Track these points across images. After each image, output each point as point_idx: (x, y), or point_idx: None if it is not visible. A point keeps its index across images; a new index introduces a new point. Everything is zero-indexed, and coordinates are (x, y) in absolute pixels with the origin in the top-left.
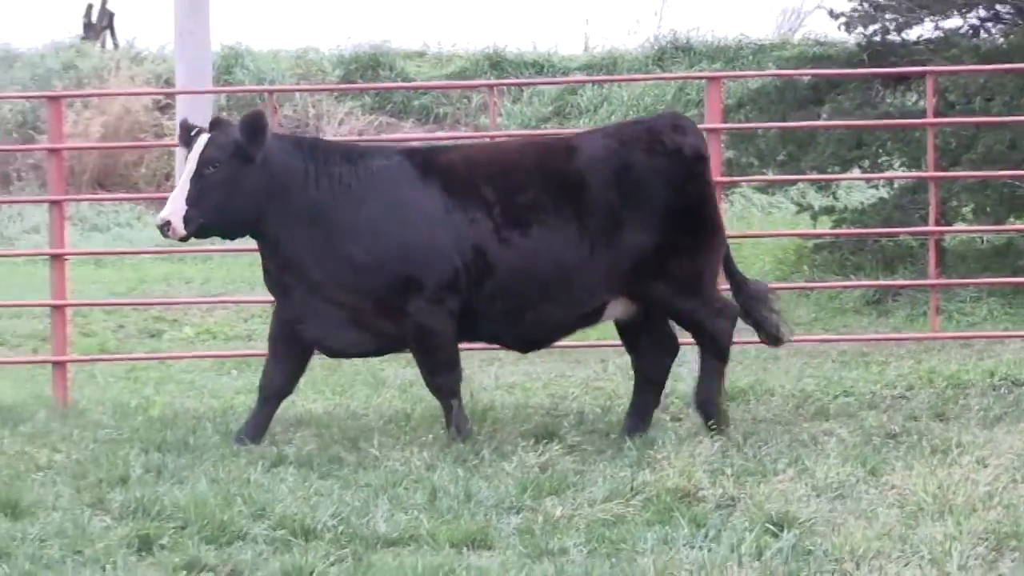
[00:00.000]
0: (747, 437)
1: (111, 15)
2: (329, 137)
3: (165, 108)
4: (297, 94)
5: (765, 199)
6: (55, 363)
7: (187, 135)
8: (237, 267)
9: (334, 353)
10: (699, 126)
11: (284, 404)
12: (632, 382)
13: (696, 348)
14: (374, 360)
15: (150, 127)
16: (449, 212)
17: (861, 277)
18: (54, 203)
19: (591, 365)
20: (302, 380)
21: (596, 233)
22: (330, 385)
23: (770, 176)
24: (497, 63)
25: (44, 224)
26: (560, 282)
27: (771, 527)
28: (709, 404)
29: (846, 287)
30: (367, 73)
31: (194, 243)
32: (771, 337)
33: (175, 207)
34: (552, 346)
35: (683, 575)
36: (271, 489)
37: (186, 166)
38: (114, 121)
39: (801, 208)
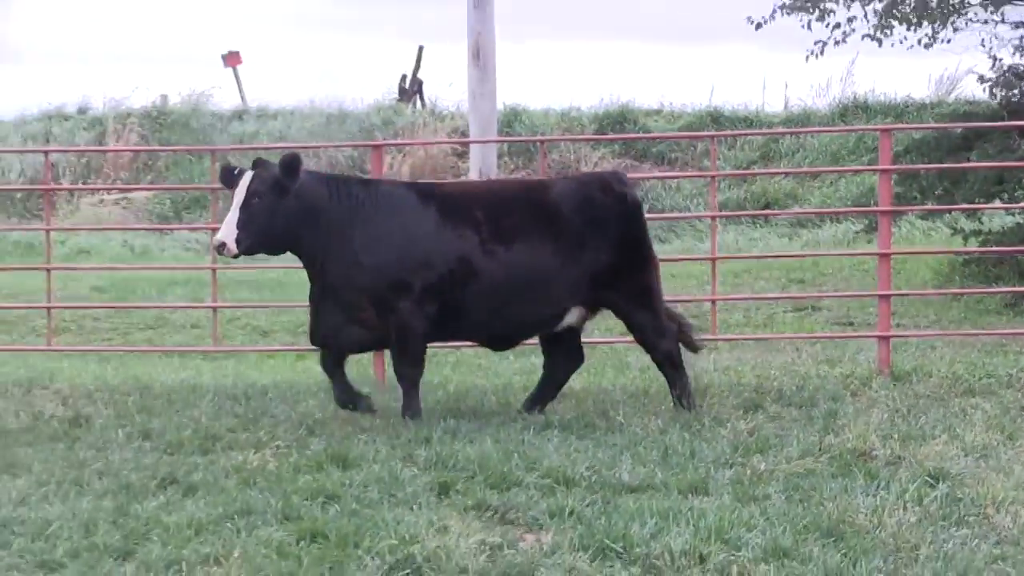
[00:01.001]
0: (911, 409)
1: (420, 82)
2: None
3: (461, 154)
4: (562, 143)
5: (926, 224)
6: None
7: (229, 175)
8: None
9: (341, 349)
10: (874, 167)
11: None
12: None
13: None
14: (619, 347)
15: (448, 168)
16: (441, 230)
17: (1001, 285)
18: None
19: (788, 352)
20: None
21: (566, 251)
22: (586, 368)
23: (930, 206)
24: (716, 118)
25: None
26: (533, 288)
27: (929, 480)
28: (685, 398)
29: (989, 293)
30: (616, 126)
31: None
32: (689, 345)
33: (228, 231)
34: (521, 344)
35: (860, 517)
36: (540, 447)
37: (235, 198)
38: (420, 164)
39: (954, 231)
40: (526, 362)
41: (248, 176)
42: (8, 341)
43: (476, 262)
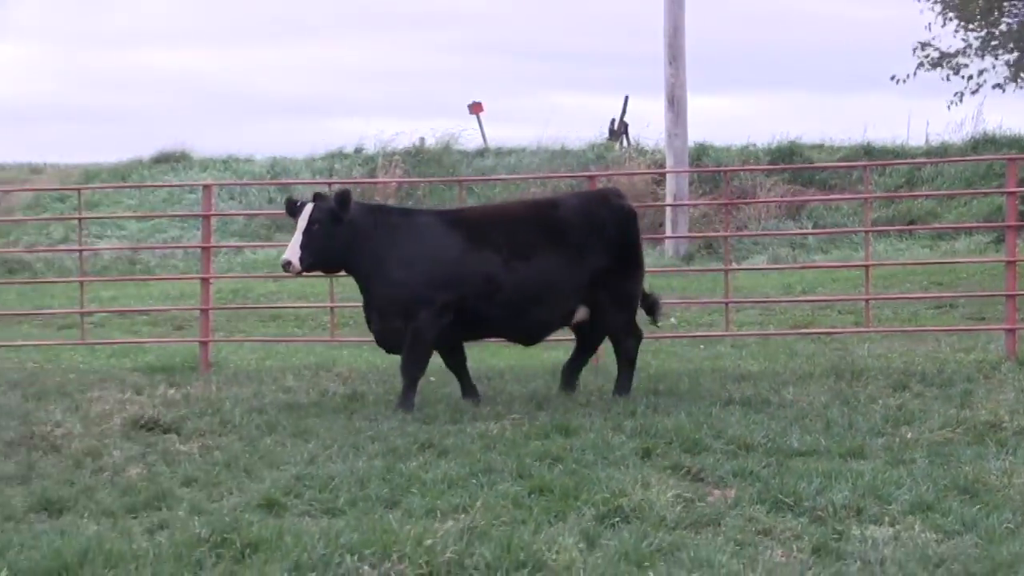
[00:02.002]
0: None
1: (626, 125)
2: (762, 197)
3: (659, 183)
4: (741, 172)
5: None
6: None
7: (293, 206)
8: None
9: (389, 351)
10: (1002, 190)
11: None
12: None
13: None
14: (790, 339)
15: (648, 194)
16: (466, 253)
17: None
18: None
19: (929, 343)
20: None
21: (573, 259)
22: (761, 354)
23: None
24: (868, 151)
25: None
26: (548, 293)
27: None
28: (624, 391)
29: None
30: (785, 158)
31: None
32: (653, 319)
33: (293, 252)
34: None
35: (991, 478)
36: (725, 419)
37: (298, 224)
38: (625, 191)
39: None
40: (712, 350)
41: (309, 207)
42: (300, 334)
43: (499, 277)
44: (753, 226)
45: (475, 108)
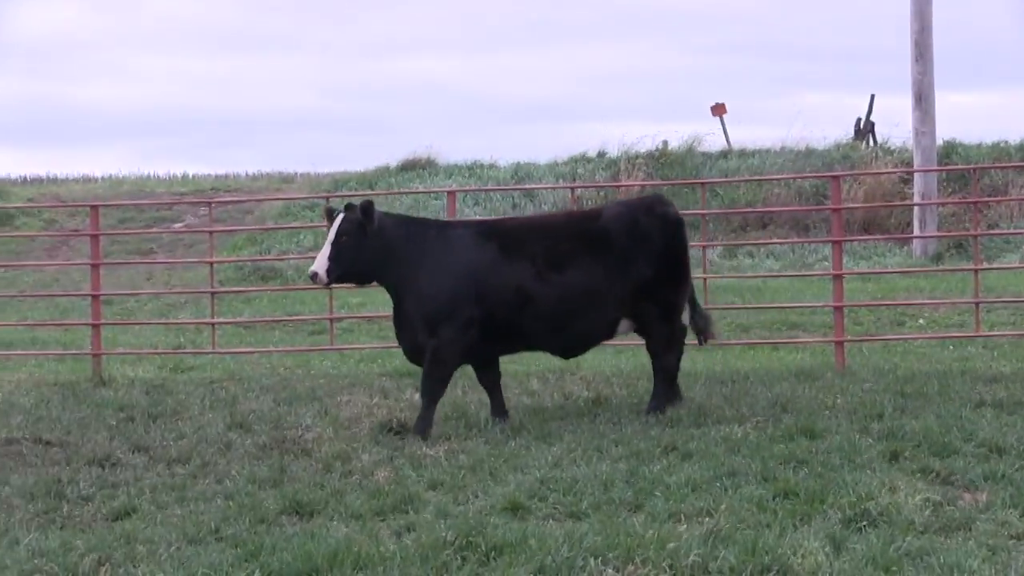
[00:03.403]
0: None
1: (872, 124)
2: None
3: (906, 182)
4: (992, 170)
5: None
6: (836, 343)
7: (331, 215)
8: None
9: (419, 363)
10: None
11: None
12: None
13: None
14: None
15: (895, 194)
16: (495, 265)
17: None
18: (835, 243)
19: None
20: None
21: (615, 270)
22: (1015, 354)
23: None
24: None
25: (830, 255)
26: (586, 305)
27: None
28: (659, 409)
29: None
30: None
31: None
32: (703, 339)
33: (321, 263)
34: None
35: None
36: (975, 422)
37: (329, 235)
38: (871, 190)
39: None
40: (962, 351)
41: (340, 217)
42: None
43: (531, 289)
44: (1005, 224)
45: (718, 110)
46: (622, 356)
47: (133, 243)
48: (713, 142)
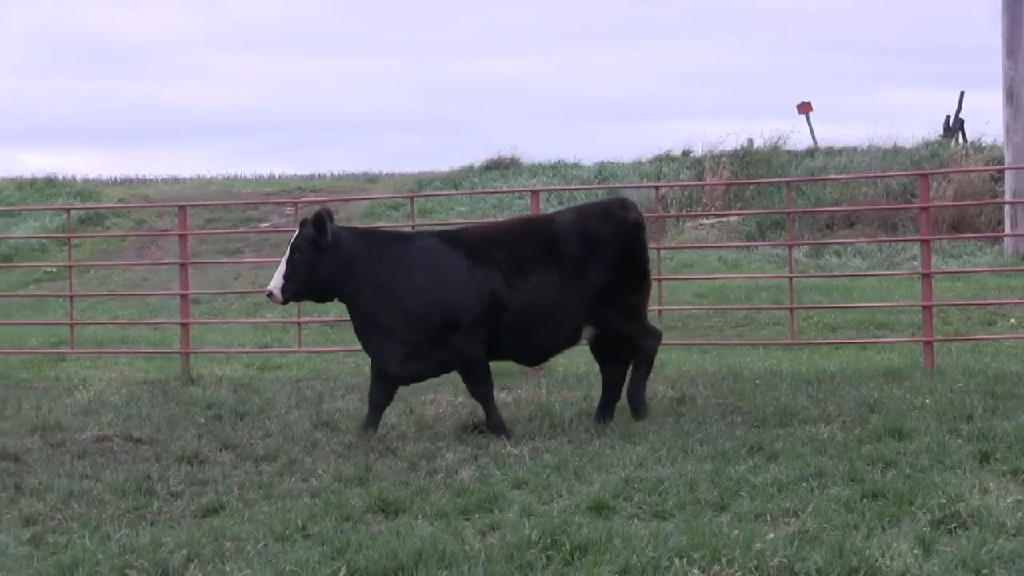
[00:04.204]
0: None
1: (962, 121)
2: None
3: (996, 179)
4: None
5: None
6: (925, 342)
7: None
8: None
9: (397, 380)
10: None
11: None
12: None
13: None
14: None
15: (985, 192)
16: (472, 271)
17: None
18: (924, 242)
19: None
20: None
21: (569, 277)
22: None
23: None
24: None
25: (918, 254)
26: (550, 312)
27: None
28: (636, 399)
29: None
30: None
31: None
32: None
33: (276, 282)
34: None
35: None
36: None
37: (286, 253)
38: (960, 189)
39: None
40: None
41: (295, 233)
42: None
43: (504, 297)
44: None
45: (804, 108)
46: (707, 356)
47: (221, 243)
48: (799, 140)
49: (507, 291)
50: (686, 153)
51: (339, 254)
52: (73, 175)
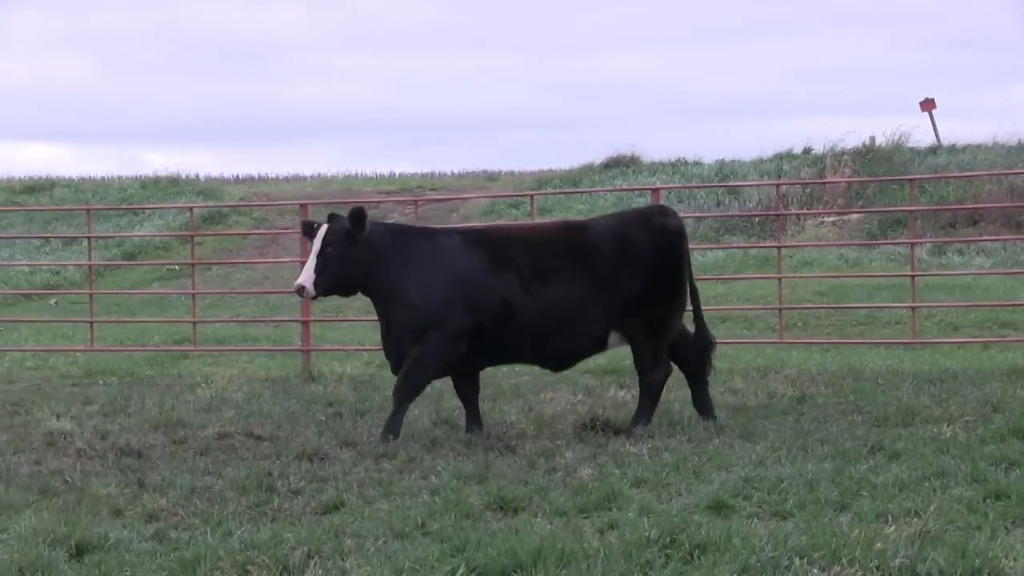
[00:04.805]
0: None
1: None
2: None
3: None
4: None
5: None
6: None
7: (309, 228)
8: None
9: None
10: None
11: None
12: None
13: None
14: None
15: None
16: (486, 274)
17: None
18: None
19: None
20: None
21: (599, 283)
22: None
23: None
24: None
25: None
26: (572, 319)
27: None
28: (640, 426)
29: None
30: None
31: None
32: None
33: (307, 276)
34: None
35: None
36: None
37: (313, 247)
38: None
39: None
40: None
41: (324, 228)
42: (747, 335)
43: (517, 301)
44: None
45: (926, 105)
46: (827, 355)
47: None
48: (921, 137)
49: (521, 296)
50: (807, 151)
51: (369, 247)
52: (196, 173)
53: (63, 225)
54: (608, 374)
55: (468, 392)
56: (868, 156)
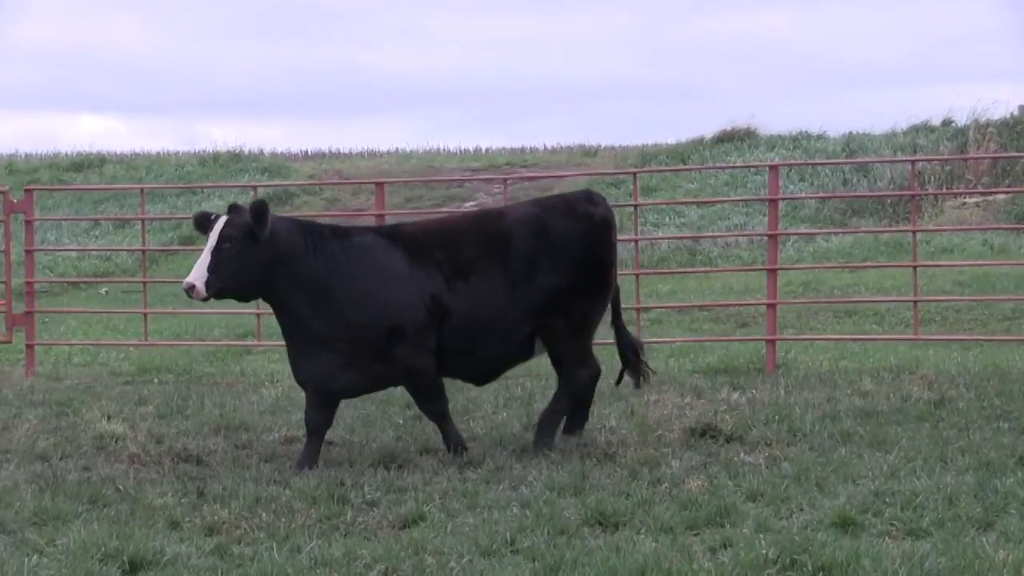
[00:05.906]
0: None
1: None
2: None
3: None
4: None
5: None
6: None
7: (204, 220)
8: None
9: (329, 393)
10: None
11: None
12: None
13: None
14: None
15: None
16: (412, 271)
17: None
18: None
19: None
20: None
21: (520, 279)
22: None
23: None
24: None
25: None
26: (495, 321)
27: None
28: (545, 428)
29: None
30: None
31: None
32: (635, 379)
33: (199, 274)
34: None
35: None
36: None
37: (208, 242)
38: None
39: None
40: None
41: (222, 221)
42: (878, 331)
43: (444, 301)
44: None
45: None
46: (969, 353)
47: None
48: None
49: (448, 296)
50: (947, 123)
51: (274, 248)
52: (260, 149)
53: (114, 206)
54: (720, 373)
55: (327, 419)
56: (1017, 128)
